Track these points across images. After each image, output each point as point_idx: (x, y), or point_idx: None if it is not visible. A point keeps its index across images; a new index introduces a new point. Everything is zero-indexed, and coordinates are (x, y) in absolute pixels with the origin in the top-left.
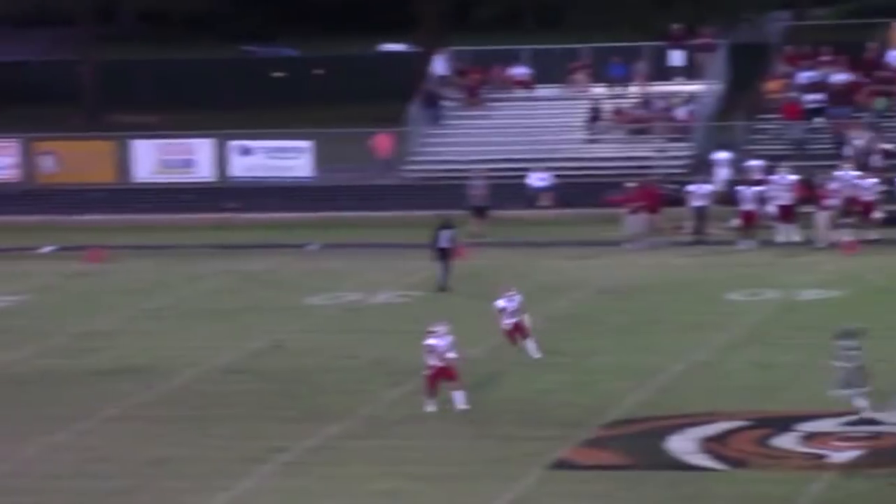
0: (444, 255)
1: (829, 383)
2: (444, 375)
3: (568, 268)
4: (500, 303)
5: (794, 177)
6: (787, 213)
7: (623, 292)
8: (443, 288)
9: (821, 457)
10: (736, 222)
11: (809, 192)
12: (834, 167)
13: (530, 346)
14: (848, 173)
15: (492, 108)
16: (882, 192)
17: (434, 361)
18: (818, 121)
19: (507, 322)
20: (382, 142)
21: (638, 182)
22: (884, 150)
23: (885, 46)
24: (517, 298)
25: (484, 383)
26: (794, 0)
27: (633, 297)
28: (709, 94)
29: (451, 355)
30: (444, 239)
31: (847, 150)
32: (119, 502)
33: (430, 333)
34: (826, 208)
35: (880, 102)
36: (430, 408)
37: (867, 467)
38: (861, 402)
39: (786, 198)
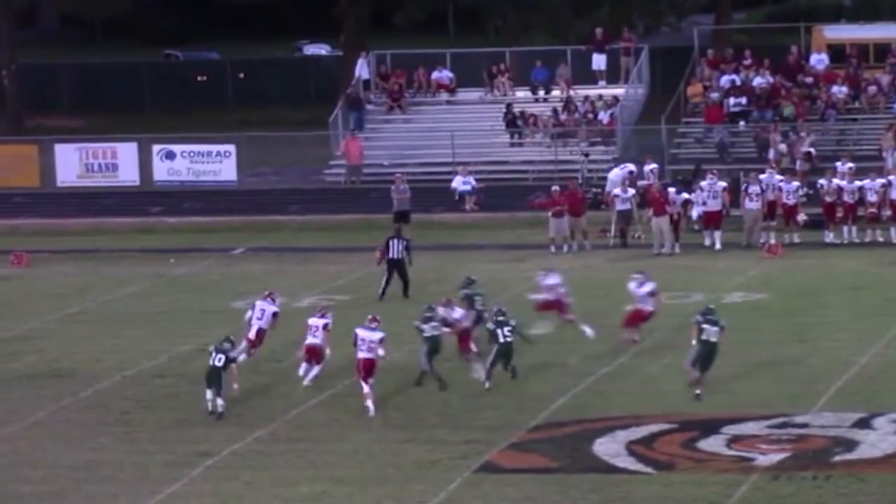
0: (395, 266)
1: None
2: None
3: (495, 271)
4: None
5: (723, 183)
6: (714, 219)
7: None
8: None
9: (747, 459)
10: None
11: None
12: (757, 171)
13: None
14: (772, 177)
15: (415, 112)
16: (805, 196)
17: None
18: (741, 124)
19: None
20: (352, 146)
21: (561, 186)
22: (807, 153)
23: (807, 50)
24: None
25: (410, 385)
26: (716, 4)
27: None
28: (631, 98)
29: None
30: (396, 250)
31: (770, 154)
32: None
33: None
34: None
35: (788, 108)
36: None
37: (792, 470)
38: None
39: (714, 203)
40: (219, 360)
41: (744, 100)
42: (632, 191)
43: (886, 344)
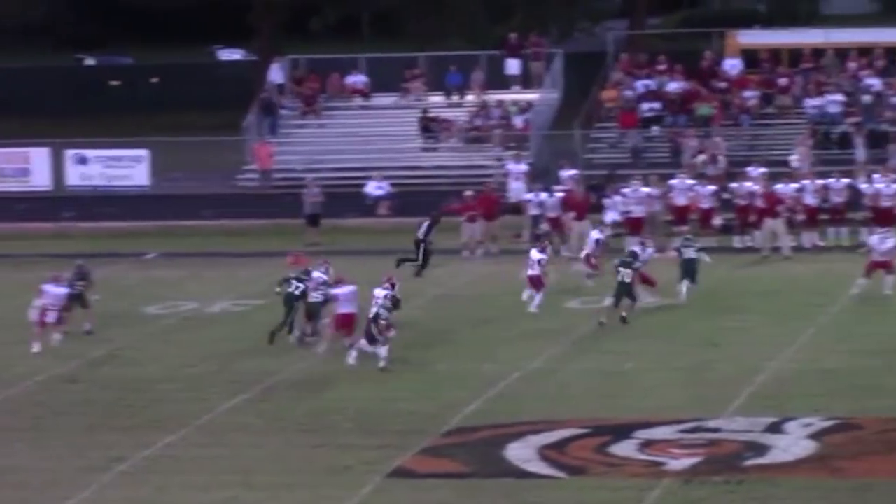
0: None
1: None
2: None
3: (407, 275)
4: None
5: (647, 189)
6: (636, 225)
7: (463, 300)
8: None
9: (659, 464)
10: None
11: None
12: (671, 175)
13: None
14: (684, 181)
15: (329, 117)
16: (720, 200)
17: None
18: (655, 129)
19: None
20: (262, 151)
21: (475, 190)
22: (718, 157)
23: (720, 55)
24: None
25: (323, 390)
26: (630, 9)
27: (473, 305)
28: (545, 103)
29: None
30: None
31: (685, 158)
32: None
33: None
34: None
35: (704, 109)
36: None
37: (704, 474)
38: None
39: (638, 210)
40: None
41: (658, 105)
42: (545, 194)
43: (798, 348)
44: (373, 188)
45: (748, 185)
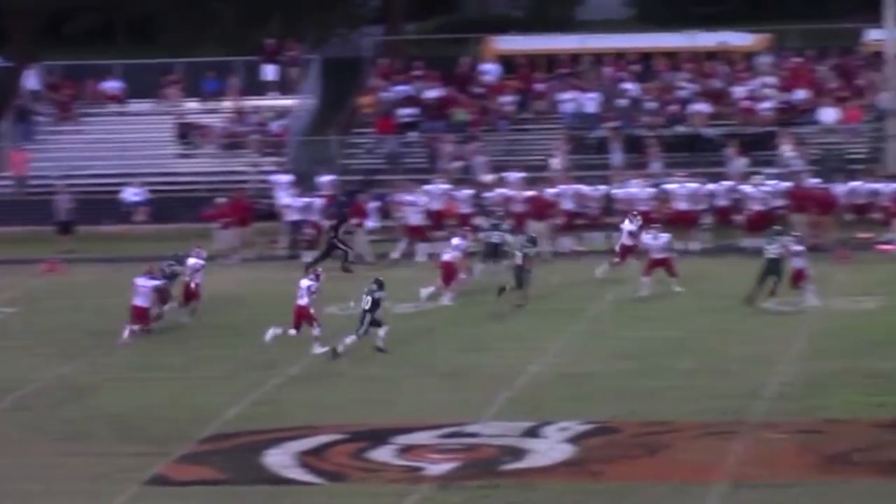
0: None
1: None
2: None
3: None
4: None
5: (426, 197)
6: (419, 233)
7: (220, 306)
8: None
9: (417, 469)
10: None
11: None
12: (426, 181)
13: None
14: (438, 186)
15: (84, 123)
16: (478, 204)
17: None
18: (412, 135)
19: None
20: (17, 158)
21: (229, 196)
22: (472, 161)
23: (477, 61)
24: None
25: (80, 397)
26: (386, 15)
27: (228, 312)
28: (302, 109)
29: None
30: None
31: (441, 164)
32: None
33: None
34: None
35: (460, 114)
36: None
37: (462, 479)
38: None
39: (416, 218)
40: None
41: (415, 110)
42: (304, 200)
43: (557, 353)
44: (130, 194)
45: (504, 190)
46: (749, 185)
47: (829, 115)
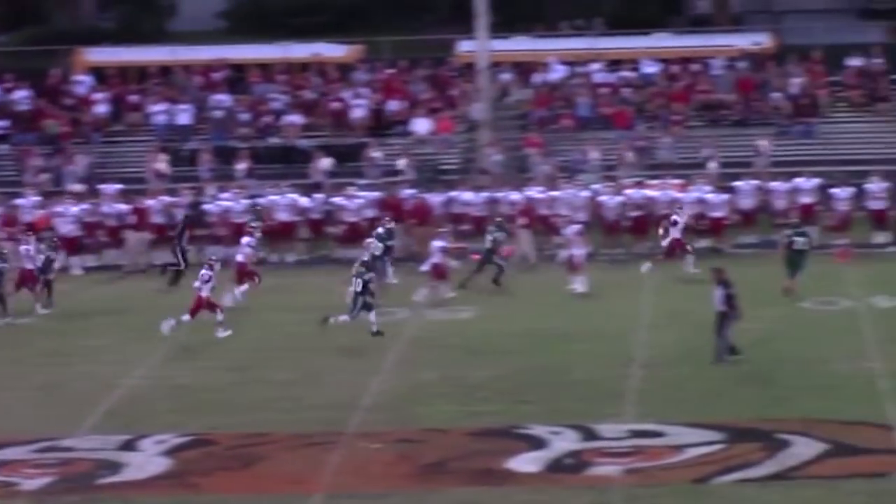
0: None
1: None
2: None
3: None
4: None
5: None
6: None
7: None
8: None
9: (12, 484)
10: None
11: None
12: (17, 194)
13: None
14: (30, 199)
15: None
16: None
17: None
18: (2, 147)
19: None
20: None
21: None
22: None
23: (69, 72)
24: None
25: None
26: None
27: None
28: None
29: None
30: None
31: (29, 176)
32: None
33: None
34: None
35: (52, 126)
36: None
37: (58, 493)
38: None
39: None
40: None
41: (6, 122)
42: None
43: (153, 365)
44: None
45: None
46: (342, 196)
47: (422, 125)
